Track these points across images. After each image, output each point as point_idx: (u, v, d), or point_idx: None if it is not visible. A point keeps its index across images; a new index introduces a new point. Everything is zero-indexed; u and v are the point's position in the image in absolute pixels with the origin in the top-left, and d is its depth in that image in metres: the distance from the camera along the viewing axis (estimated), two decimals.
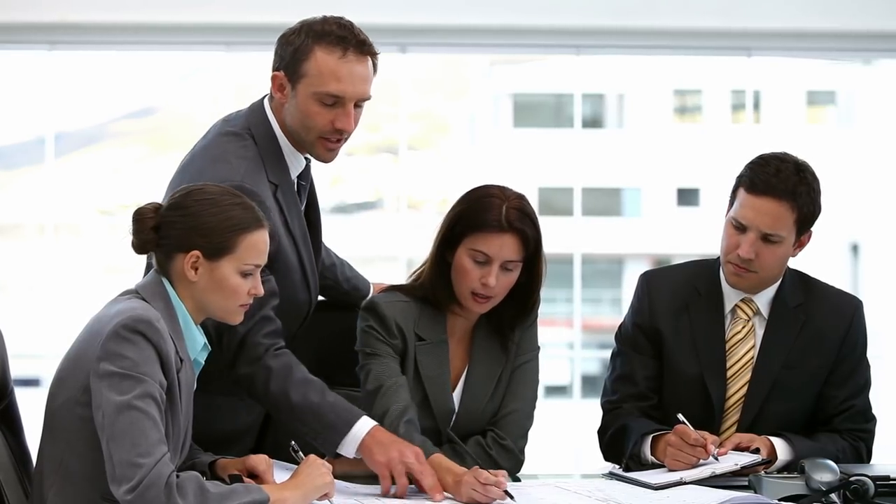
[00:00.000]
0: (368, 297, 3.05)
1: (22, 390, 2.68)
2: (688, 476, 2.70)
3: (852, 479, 2.54)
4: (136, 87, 10.32)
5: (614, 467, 2.90)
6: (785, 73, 11.22)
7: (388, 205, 11.51)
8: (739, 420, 2.97)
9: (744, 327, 2.99)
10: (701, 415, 2.91)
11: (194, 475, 2.27)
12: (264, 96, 2.86)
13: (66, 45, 7.95)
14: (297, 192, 2.88)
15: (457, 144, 12.83)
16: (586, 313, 10.62)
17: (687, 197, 12.89)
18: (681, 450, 2.76)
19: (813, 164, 2.97)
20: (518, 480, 2.84)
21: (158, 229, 2.42)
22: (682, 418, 2.79)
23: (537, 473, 2.90)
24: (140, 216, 2.43)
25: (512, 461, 2.89)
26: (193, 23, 7.68)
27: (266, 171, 2.77)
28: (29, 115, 9.21)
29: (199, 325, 2.47)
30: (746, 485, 2.67)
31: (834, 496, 2.52)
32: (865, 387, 3.03)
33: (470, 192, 2.87)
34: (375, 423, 2.66)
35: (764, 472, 2.71)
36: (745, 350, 2.99)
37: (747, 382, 2.97)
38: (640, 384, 3.03)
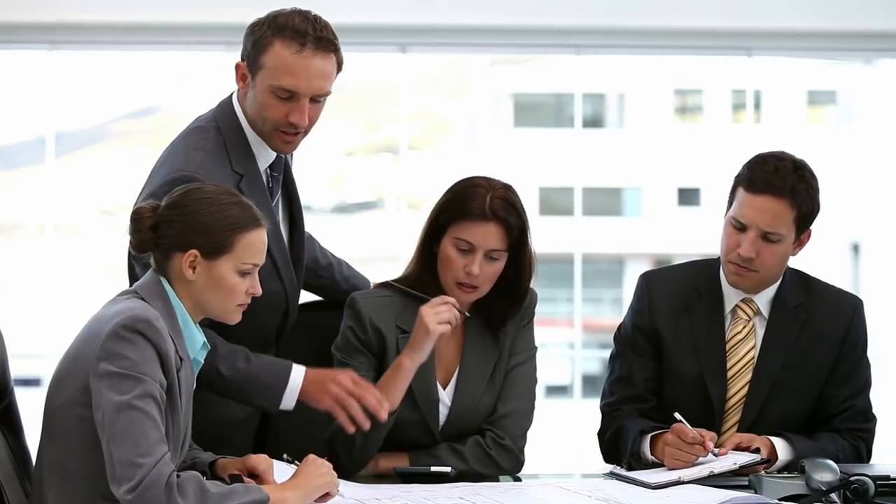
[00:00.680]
0: None
1: (22, 390, 2.68)
2: (686, 475, 2.70)
3: (852, 478, 2.54)
4: (137, 87, 10.32)
5: (615, 467, 2.90)
6: (785, 73, 11.21)
7: (389, 205, 11.50)
8: (740, 420, 2.97)
9: (744, 327, 2.99)
10: (701, 415, 2.91)
11: (194, 475, 2.27)
12: (234, 90, 2.88)
13: (67, 45, 7.95)
14: (270, 184, 2.88)
15: (457, 144, 12.83)
16: (587, 313, 10.62)
17: (687, 197, 12.89)
18: (679, 448, 2.76)
19: (813, 163, 2.97)
20: (518, 480, 2.85)
21: (156, 229, 2.42)
22: (680, 417, 2.79)
23: (538, 473, 2.90)
24: (138, 216, 2.43)
25: (512, 461, 2.89)
26: (193, 23, 7.68)
27: (230, 161, 2.78)
28: (29, 114, 9.21)
29: (198, 324, 2.47)
30: (746, 485, 2.67)
31: (834, 496, 2.52)
32: (866, 386, 3.03)
33: (456, 183, 2.90)
34: (304, 367, 2.76)
35: (764, 472, 2.72)
36: (746, 350, 2.99)
37: (748, 383, 2.97)
38: (638, 386, 3.03)
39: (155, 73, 10.05)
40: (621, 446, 2.91)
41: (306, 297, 3.16)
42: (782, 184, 2.86)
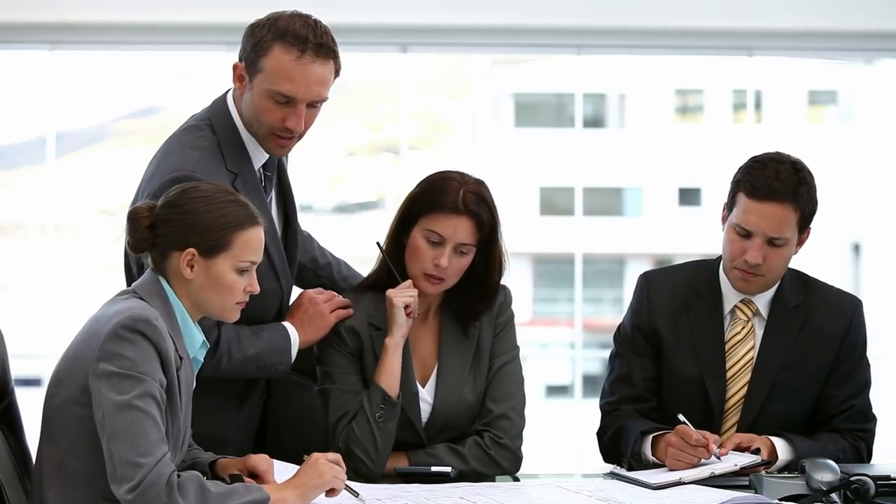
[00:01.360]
0: None
1: (22, 390, 2.69)
2: (687, 476, 2.69)
3: (853, 478, 2.54)
4: (137, 86, 10.31)
5: (615, 467, 2.90)
6: (786, 73, 11.20)
7: (390, 205, 11.49)
8: (739, 420, 2.97)
9: (743, 328, 2.99)
10: (701, 415, 2.91)
11: (195, 475, 2.27)
12: (228, 89, 2.88)
13: (67, 45, 7.96)
14: (263, 183, 2.88)
15: (458, 144, 12.82)
16: (587, 313, 10.62)
17: (688, 197, 12.87)
18: (682, 450, 2.76)
19: (814, 163, 2.97)
20: (518, 480, 2.85)
21: (153, 228, 2.42)
22: (683, 418, 2.78)
23: (538, 473, 2.90)
24: (135, 215, 2.43)
25: (511, 460, 2.89)
26: (194, 23, 7.69)
27: (224, 160, 2.79)
28: (30, 114, 9.21)
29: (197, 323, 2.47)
30: (747, 485, 2.67)
31: (834, 496, 2.52)
32: (865, 386, 3.02)
33: (429, 176, 2.92)
34: (289, 324, 2.88)
35: (764, 472, 2.72)
36: (745, 351, 2.98)
37: (747, 383, 2.97)
38: (637, 386, 3.02)
39: (155, 72, 10.05)
40: (622, 446, 2.91)
41: None
42: (785, 189, 2.85)
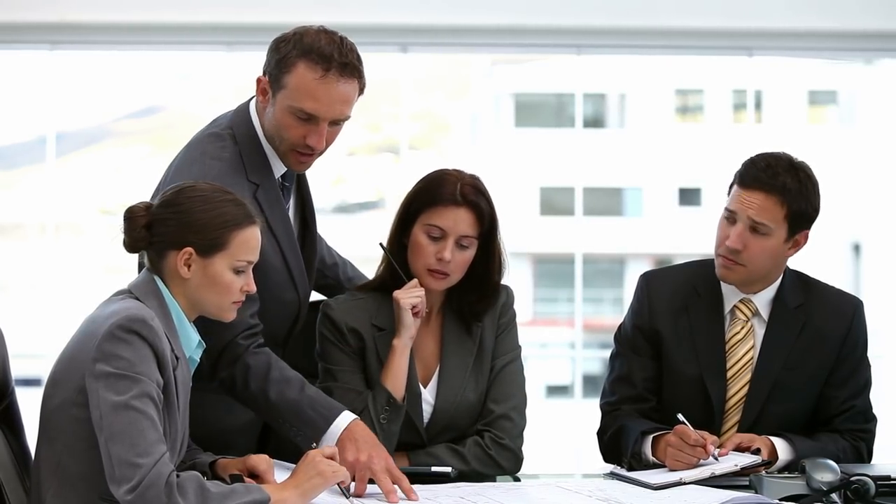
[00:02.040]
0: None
1: (23, 390, 2.69)
2: (687, 476, 2.69)
3: (853, 478, 2.54)
4: (138, 86, 10.32)
5: (615, 467, 2.90)
6: (786, 73, 11.21)
7: (390, 205, 11.50)
8: (740, 421, 2.97)
9: (742, 328, 2.99)
10: (701, 416, 2.91)
11: (194, 475, 2.27)
12: (251, 97, 2.87)
13: (68, 45, 7.96)
14: (281, 192, 2.88)
15: (458, 144, 12.83)
16: (588, 313, 10.62)
17: (688, 197, 12.88)
18: (681, 450, 2.76)
19: (814, 163, 2.97)
20: (518, 480, 2.85)
21: (150, 227, 2.42)
22: (682, 418, 2.78)
23: (538, 473, 2.90)
24: (131, 215, 2.43)
25: (512, 460, 2.89)
26: (194, 23, 7.69)
27: (246, 170, 2.77)
28: (30, 114, 9.22)
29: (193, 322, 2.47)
30: (747, 485, 2.67)
31: (835, 496, 2.51)
32: (866, 387, 3.02)
33: (425, 175, 2.93)
34: (355, 417, 2.67)
35: (765, 472, 2.72)
36: (745, 351, 2.98)
37: (747, 383, 2.97)
38: (638, 386, 3.03)
39: (155, 72, 10.05)
40: (622, 446, 2.91)
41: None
42: (772, 181, 2.87)
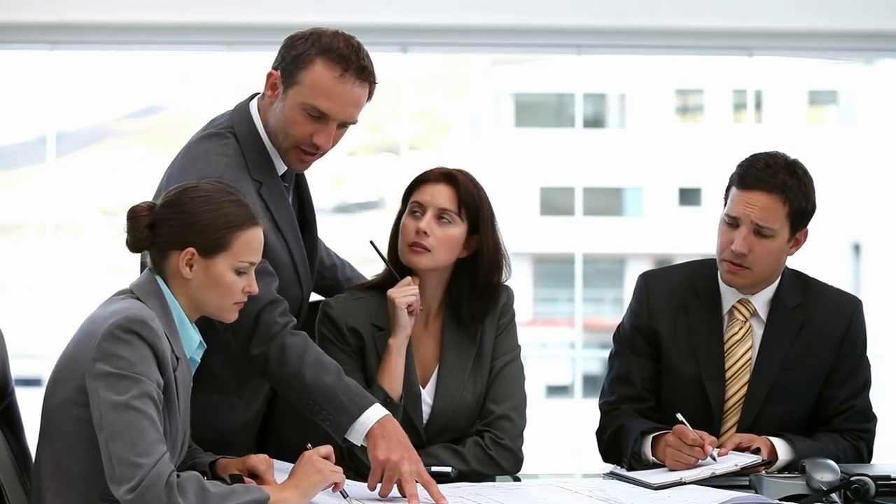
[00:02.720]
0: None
1: (23, 390, 2.69)
2: (688, 476, 2.69)
3: (853, 478, 2.54)
4: (138, 86, 10.32)
5: (615, 467, 2.90)
6: (786, 73, 11.21)
7: (390, 205, 11.50)
8: (739, 421, 2.96)
9: (741, 328, 2.99)
10: (700, 416, 2.91)
11: (194, 475, 2.27)
12: (251, 95, 2.87)
13: (68, 45, 7.95)
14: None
15: (458, 144, 12.83)
16: (588, 313, 10.62)
17: (688, 197, 12.88)
18: (679, 450, 2.76)
19: (814, 163, 2.97)
20: (518, 480, 2.85)
21: (153, 227, 2.42)
22: (681, 418, 2.78)
23: (538, 473, 2.90)
24: (134, 214, 2.43)
25: (512, 460, 2.89)
26: (194, 23, 7.69)
27: (248, 168, 2.77)
28: (30, 114, 9.22)
29: (194, 323, 2.47)
30: (747, 485, 2.67)
31: (835, 496, 2.52)
32: (865, 386, 3.02)
33: None
34: (387, 412, 2.63)
35: (765, 472, 2.71)
36: (743, 351, 2.98)
37: (746, 384, 2.97)
38: (637, 386, 3.02)
39: (155, 72, 10.06)
40: (622, 446, 2.91)
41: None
42: (773, 180, 2.86)
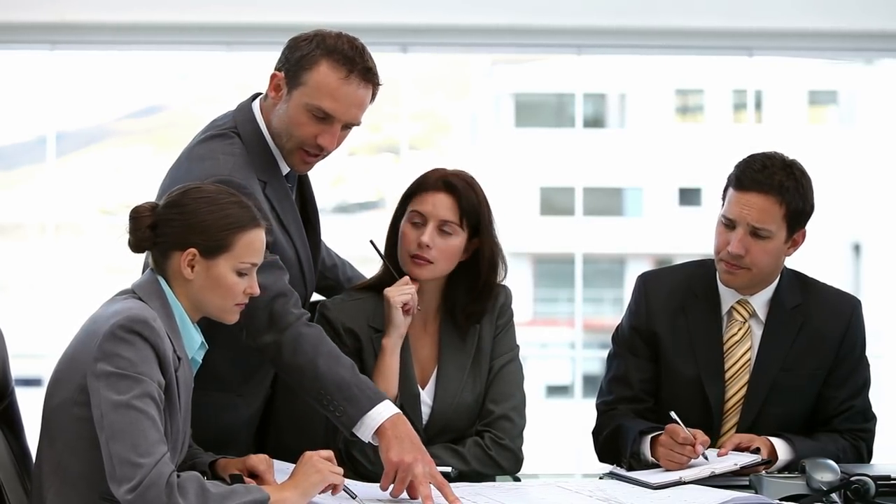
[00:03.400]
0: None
1: (23, 390, 2.69)
2: (687, 476, 2.69)
3: (853, 478, 2.54)
4: (137, 86, 10.33)
5: (614, 467, 2.89)
6: (786, 73, 11.21)
7: (390, 205, 11.50)
8: (739, 422, 2.96)
9: (739, 329, 2.98)
10: (700, 417, 2.90)
11: (195, 475, 2.27)
12: (252, 96, 2.87)
13: (68, 45, 7.96)
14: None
15: (458, 144, 12.83)
16: (588, 313, 10.62)
17: (689, 197, 12.88)
18: (671, 449, 2.75)
19: (814, 163, 2.97)
20: (518, 480, 2.85)
21: (155, 227, 2.42)
22: (675, 416, 2.77)
23: (538, 473, 2.90)
24: (137, 214, 2.43)
25: (512, 460, 2.89)
26: (194, 23, 7.69)
27: (254, 167, 2.77)
28: (30, 114, 9.22)
29: (196, 323, 2.47)
30: (747, 485, 2.67)
31: (835, 496, 2.51)
32: (865, 386, 3.02)
33: None
34: (398, 411, 2.61)
35: (764, 472, 2.71)
36: (742, 352, 2.98)
37: (746, 384, 2.97)
38: (634, 387, 3.02)
39: (155, 72, 10.06)
40: (621, 446, 2.90)
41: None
42: (770, 181, 2.86)
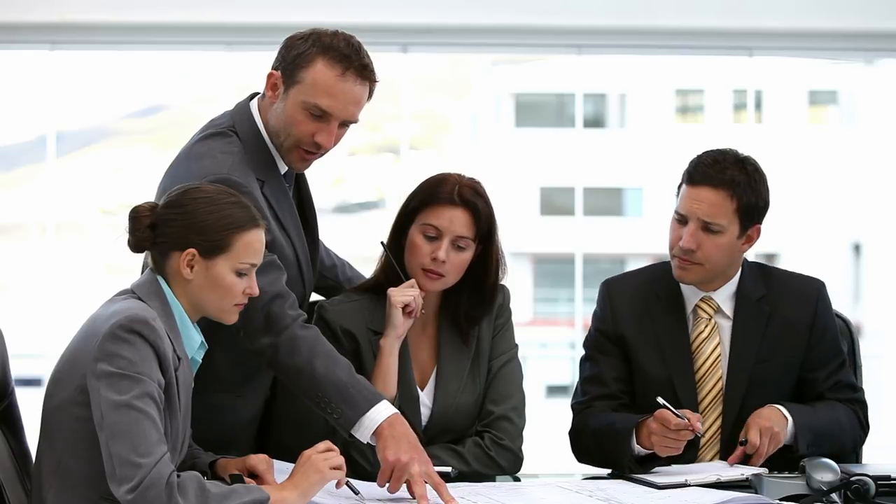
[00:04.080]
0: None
1: (23, 390, 2.69)
2: (693, 480, 2.68)
3: (853, 478, 2.54)
4: (137, 86, 10.33)
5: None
6: (786, 73, 11.21)
7: (390, 205, 11.51)
8: (722, 418, 2.94)
9: (706, 326, 2.97)
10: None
11: (195, 475, 2.27)
12: (250, 95, 2.87)
13: (68, 45, 7.95)
14: None
15: (458, 144, 12.84)
16: (588, 313, 10.58)
17: None
18: (666, 436, 2.74)
19: (814, 163, 2.96)
20: (518, 480, 2.85)
21: (154, 227, 2.42)
22: (663, 401, 2.74)
23: (538, 473, 2.90)
24: (136, 214, 2.43)
25: (512, 460, 2.89)
26: (194, 23, 7.69)
27: (252, 166, 2.77)
28: (30, 114, 9.22)
29: (196, 323, 2.47)
30: (747, 485, 2.67)
31: (835, 496, 2.52)
32: (844, 363, 3.00)
33: (427, 177, 2.93)
34: (396, 411, 2.62)
35: (765, 473, 2.71)
36: (711, 349, 2.96)
37: (719, 380, 2.95)
38: (610, 385, 3.00)
39: (155, 72, 10.06)
40: (617, 451, 2.84)
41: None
42: (721, 175, 2.87)
